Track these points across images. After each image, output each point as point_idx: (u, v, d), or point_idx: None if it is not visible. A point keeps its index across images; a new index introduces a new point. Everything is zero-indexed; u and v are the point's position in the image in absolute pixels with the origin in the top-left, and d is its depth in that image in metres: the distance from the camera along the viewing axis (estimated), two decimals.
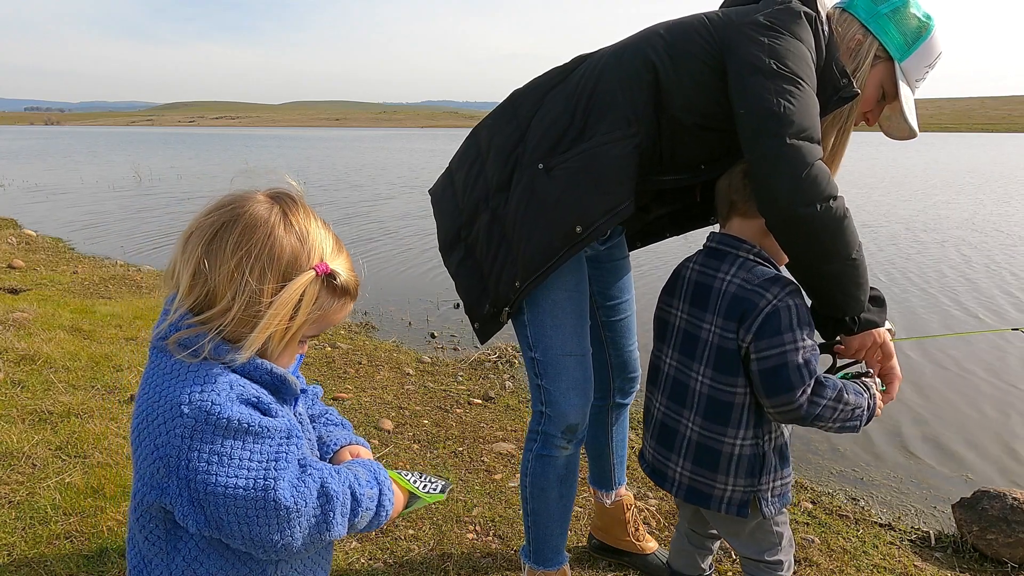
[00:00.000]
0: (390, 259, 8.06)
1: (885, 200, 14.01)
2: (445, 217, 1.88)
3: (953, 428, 3.75)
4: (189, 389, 0.96)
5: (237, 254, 0.99)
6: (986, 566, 2.42)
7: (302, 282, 1.01)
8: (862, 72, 1.64)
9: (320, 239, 1.05)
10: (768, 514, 1.60)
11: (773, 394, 1.48)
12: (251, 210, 1.02)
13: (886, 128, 1.77)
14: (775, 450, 1.59)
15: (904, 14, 1.63)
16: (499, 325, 1.77)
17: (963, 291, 6.60)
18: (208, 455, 0.94)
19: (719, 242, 1.62)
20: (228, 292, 0.99)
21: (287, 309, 1.00)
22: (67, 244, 8.71)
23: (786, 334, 1.46)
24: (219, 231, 1.01)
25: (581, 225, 1.61)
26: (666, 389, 1.68)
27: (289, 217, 1.03)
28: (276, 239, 1.00)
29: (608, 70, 1.66)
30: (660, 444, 1.69)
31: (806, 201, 1.42)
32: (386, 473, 1.15)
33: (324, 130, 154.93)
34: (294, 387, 1.08)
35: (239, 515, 0.95)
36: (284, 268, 1.00)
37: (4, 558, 2.14)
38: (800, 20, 1.55)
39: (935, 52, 1.66)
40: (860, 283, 1.51)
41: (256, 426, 0.97)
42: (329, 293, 1.05)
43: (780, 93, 1.45)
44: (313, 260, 1.03)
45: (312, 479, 1.00)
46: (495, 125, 1.81)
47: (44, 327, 4.43)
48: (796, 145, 1.42)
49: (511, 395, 3.86)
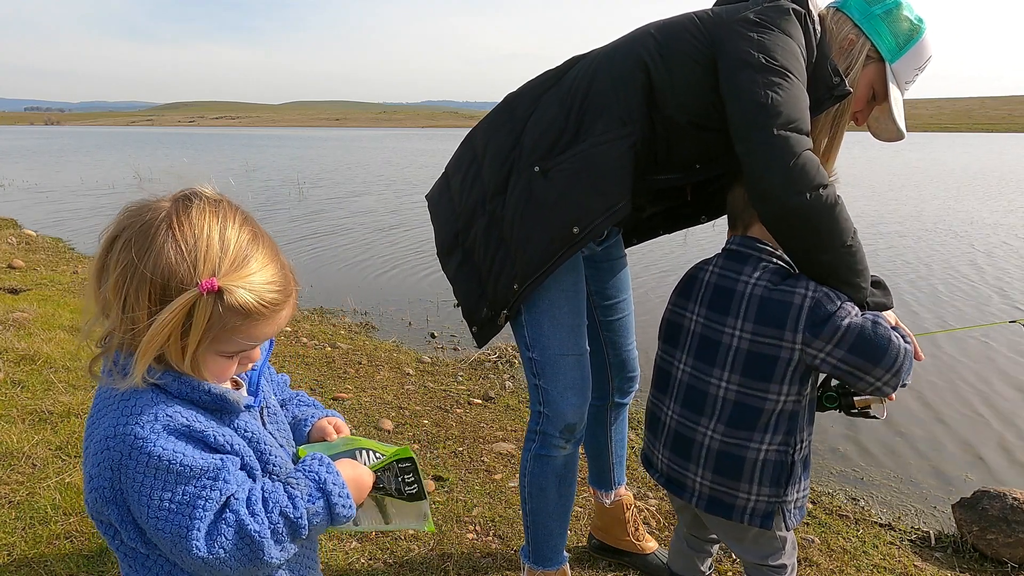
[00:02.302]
0: (390, 259, 8.06)
1: (896, 199, 14.02)
2: (442, 222, 1.89)
3: (953, 428, 3.75)
4: (115, 421, 0.94)
5: (118, 268, 0.92)
6: (986, 566, 2.42)
7: (180, 303, 0.90)
8: (854, 72, 1.65)
9: (216, 249, 0.93)
10: (790, 526, 1.57)
11: (878, 359, 1.43)
12: (142, 218, 0.93)
13: (874, 129, 1.78)
14: (802, 460, 1.56)
15: (897, 16, 1.64)
16: (497, 328, 1.77)
17: (965, 286, 6.61)
18: (131, 491, 0.92)
19: (741, 245, 1.59)
20: (113, 309, 0.93)
21: (166, 332, 0.91)
22: (67, 244, 8.70)
23: (839, 310, 1.45)
24: (112, 241, 0.94)
25: (578, 226, 1.61)
26: (679, 396, 1.63)
27: (174, 225, 0.92)
28: (154, 253, 0.91)
29: (601, 71, 1.66)
30: (675, 453, 1.64)
31: (796, 190, 1.43)
32: (335, 476, 1.04)
33: (324, 130, 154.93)
34: (236, 404, 1.02)
35: (167, 549, 0.95)
36: (163, 284, 0.91)
37: (4, 558, 2.14)
38: (789, 16, 1.56)
39: (925, 55, 1.67)
40: (858, 269, 1.51)
41: (177, 465, 0.92)
42: (230, 311, 0.93)
43: (768, 86, 1.46)
44: (200, 275, 0.91)
45: (227, 524, 0.94)
46: (490, 129, 1.81)
47: (44, 327, 4.44)
48: (784, 136, 1.43)
49: (511, 395, 3.86)
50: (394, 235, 9.67)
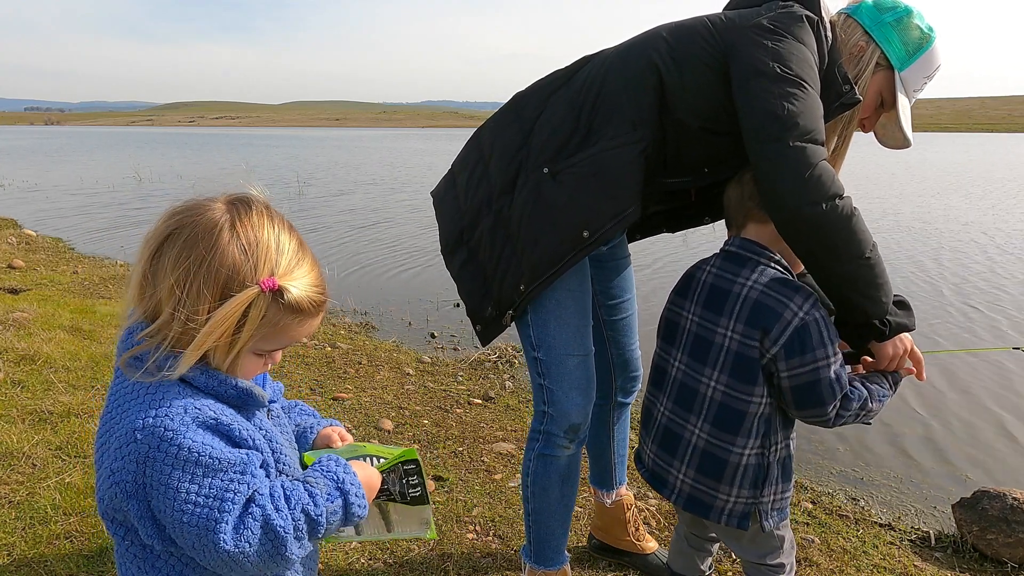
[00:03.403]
0: (390, 259, 8.06)
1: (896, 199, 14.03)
2: (447, 219, 1.88)
3: (953, 428, 3.75)
4: (144, 413, 0.94)
5: (179, 266, 0.95)
6: (986, 566, 2.42)
7: (242, 299, 0.95)
8: (863, 79, 1.65)
9: (273, 251, 0.99)
10: (768, 527, 1.59)
11: (804, 407, 1.49)
12: (201, 219, 0.98)
13: (880, 136, 1.77)
14: (779, 462, 1.57)
15: (907, 24, 1.64)
16: (502, 328, 1.77)
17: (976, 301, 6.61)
18: (158, 484, 0.93)
19: (739, 247, 1.60)
20: (168, 305, 0.96)
21: (224, 327, 0.95)
22: (67, 244, 8.71)
23: (818, 350, 1.45)
24: (166, 240, 0.98)
25: (588, 230, 1.61)
26: (672, 393, 1.65)
27: (237, 227, 0.98)
28: (219, 251, 0.96)
29: (612, 73, 1.66)
30: (662, 449, 1.67)
31: (811, 200, 1.42)
32: (351, 476, 1.08)
33: (324, 130, 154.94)
34: (261, 399, 1.05)
35: (190, 544, 0.95)
36: (224, 282, 0.96)
37: (4, 558, 2.14)
38: (803, 23, 1.55)
39: (934, 64, 1.67)
40: (879, 284, 1.49)
41: (207, 458, 0.94)
42: (282, 309, 0.99)
43: (784, 96, 1.45)
44: (260, 274, 0.97)
45: (254, 519, 0.96)
46: (498, 127, 1.81)
47: (44, 327, 4.43)
48: (800, 147, 1.43)
49: (511, 395, 3.86)
50: (394, 235, 9.67)
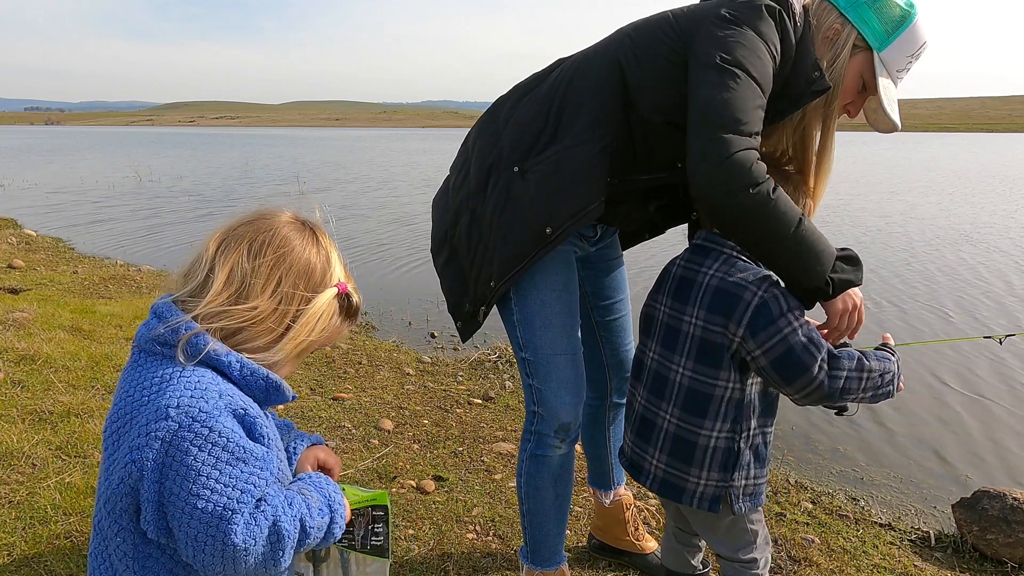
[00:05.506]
0: (390, 259, 8.06)
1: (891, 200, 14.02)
2: (437, 220, 1.93)
3: (953, 428, 3.75)
4: (179, 393, 0.96)
5: (278, 265, 1.08)
6: (986, 566, 2.42)
7: (328, 296, 1.11)
8: (839, 62, 1.60)
9: (337, 263, 1.15)
10: (738, 511, 1.61)
11: (791, 379, 1.48)
12: (286, 228, 1.12)
13: (872, 120, 1.72)
14: (751, 448, 1.60)
15: (885, 2, 1.58)
16: (478, 324, 1.81)
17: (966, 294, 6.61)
18: (180, 464, 0.93)
19: (704, 239, 1.65)
20: (263, 296, 1.06)
21: (315, 320, 1.09)
22: (67, 244, 8.71)
23: (780, 320, 1.48)
24: (255, 238, 1.08)
25: (551, 227, 1.64)
26: (648, 383, 1.70)
27: (319, 240, 1.14)
28: (309, 256, 1.11)
29: (578, 74, 1.68)
30: (639, 437, 1.71)
31: (728, 190, 1.44)
32: (340, 496, 1.12)
33: (324, 130, 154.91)
34: (287, 394, 1.09)
35: (191, 535, 0.94)
36: (315, 282, 1.10)
37: (4, 558, 2.14)
38: (762, 13, 1.54)
39: (918, 42, 1.61)
40: (812, 254, 1.48)
41: (234, 445, 0.95)
42: (340, 313, 1.14)
43: (717, 86, 1.46)
44: (335, 280, 1.13)
45: (265, 517, 0.97)
46: (479, 130, 1.86)
47: (44, 327, 4.43)
48: (720, 139, 1.44)
49: (511, 395, 3.86)
50: (393, 235, 9.68)
